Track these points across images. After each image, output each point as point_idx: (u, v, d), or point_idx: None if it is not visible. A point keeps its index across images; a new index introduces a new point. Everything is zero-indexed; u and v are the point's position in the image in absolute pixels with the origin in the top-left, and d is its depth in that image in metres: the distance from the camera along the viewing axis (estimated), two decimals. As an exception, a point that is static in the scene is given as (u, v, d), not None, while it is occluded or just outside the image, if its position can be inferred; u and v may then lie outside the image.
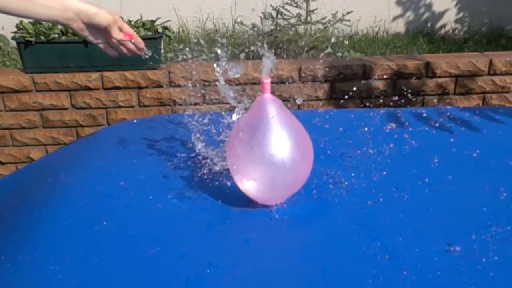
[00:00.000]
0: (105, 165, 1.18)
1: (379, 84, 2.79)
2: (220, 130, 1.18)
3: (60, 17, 1.00)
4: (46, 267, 0.82)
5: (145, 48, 1.15)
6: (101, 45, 1.11)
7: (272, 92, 0.98)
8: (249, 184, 0.96)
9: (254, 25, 3.43)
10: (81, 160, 1.25)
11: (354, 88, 2.77)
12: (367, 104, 2.82)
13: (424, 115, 1.45)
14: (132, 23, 2.72)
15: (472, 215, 0.95)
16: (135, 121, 1.50)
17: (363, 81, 2.77)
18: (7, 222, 1.00)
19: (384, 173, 1.11)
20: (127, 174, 1.12)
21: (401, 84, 2.80)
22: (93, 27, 1.05)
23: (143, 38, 1.17)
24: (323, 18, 3.25)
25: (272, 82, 0.97)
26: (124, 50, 1.13)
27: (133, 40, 1.11)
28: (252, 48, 1.02)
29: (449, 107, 1.52)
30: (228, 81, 1.03)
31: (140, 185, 1.07)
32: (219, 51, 1.04)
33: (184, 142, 1.27)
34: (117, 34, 1.08)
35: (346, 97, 2.77)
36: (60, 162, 1.26)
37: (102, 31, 1.07)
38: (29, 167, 1.31)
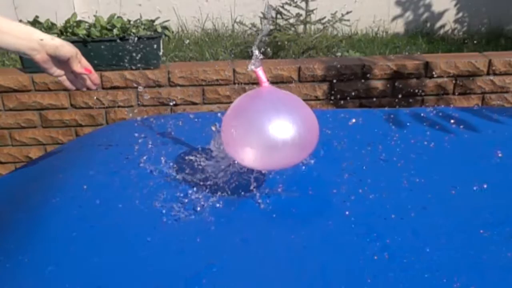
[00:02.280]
0: (103, 165, 1.18)
1: (378, 84, 2.79)
2: (219, 129, 1.18)
3: (26, 47, 1.00)
4: (45, 267, 0.82)
5: (98, 84, 1.17)
6: (60, 78, 1.11)
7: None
8: (246, 146, 0.95)
9: (253, 25, 3.43)
10: (79, 159, 1.24)
11: (353, 89, 2.77)
12: (366, 104, 2.82)
13: (423, 115, 1.45)
14: (132, 22, 2.72)
15: (471, 215, 0.95)
16: (133, 120, 1.50)
17: (362, 81, 2.77)
18: (6, 221, 1.00)
19: (383, 173, 1.11)
20: (125, 173, 1.12)
21: (400, 84, 2.80)
22: (56, 59, 1.05)
23: (143, 38, 1.17)
24: (323, 18, 3.25)
25: (271, 82, 0.98)
26: (79, 84, 1.14)
27: (90, 75, 1.12)
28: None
29: (448, 107, 1.52)
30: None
31: (138, 184, 1.07)
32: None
33: (182, 141, 1.27)
34: (78, 67, 1.08)
35: (346, 97, 2.77)
36: (58, 162, 1.26)
37: (63, 63, 1.07)
38: (27, 167, 1.31)
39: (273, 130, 0.91)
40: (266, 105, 0.95)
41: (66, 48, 1.05)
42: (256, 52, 0.97)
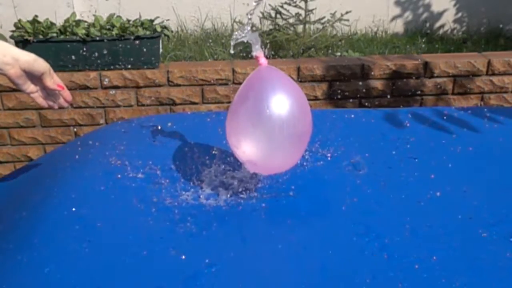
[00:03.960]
0: (102, 165, 1.18)
1: (378, 84, 2.79)
2: (218, 129, 1.18)
3: None
4: (44, 267, 0.82)
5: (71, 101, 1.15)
6: (33, 95, 1.08)
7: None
8: (246, 147, 0.96)
9: (253, 25, 3.43)
10: (79, 159, 1.24)
11: (353, 88, 2.77)
12: (366, 104, 2.82)
13: (422, 115, 1.45)
14: (131, 22, 2.72)
15: (470, 215, 0.95)
16: (132, 120, 1.50)
17: (361, 81, 2.77)
18: (6, 221, 1.00)
19: (383, 173, 1.11)
20: (124, 173, 1.12)
21: (400, 84, 2.80)
22: (30, 74, 1.03)
23: (142, 38, 1.17)
24: (322, 18, 3.25)
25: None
26: (51, 102, 1.12)
27: (62, 92, 1.10)
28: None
29: (447, 107, 1.52)
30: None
31: (138, 185, 1.07)
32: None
33: (181, 141, 1.27)
34: (51, 83, 1.06)
35: (345, 97, 2.77)
36: (57, 162, 1.26)
37: (35, 80, 1.05)
38: (27, 167, 1.31)
39: (270, 116, 0.92)
40: (265, 91, 0.95)
41: (40, 63, 1.03)
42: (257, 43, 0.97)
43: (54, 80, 1.07)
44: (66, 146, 1.47)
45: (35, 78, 1.05)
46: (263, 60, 0.98)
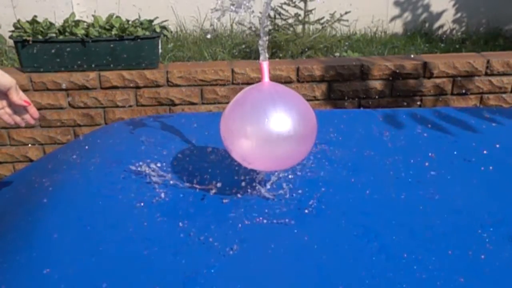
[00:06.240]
0: (101, 165, 1.18)
1: (377, 85, 2.79)
2: (217, 129, 1.18)
3: None
4: (43, 267, 0.82)
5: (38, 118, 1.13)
6: None
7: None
8: (243, 143, 0.95)
9: (252, 25, 3.43)
10: (78, 160, 1.24)
11: (352, 89, 2.77)
12: (365, 104, 2.82)
13: (421, 115, 1.45)
14: (130, 22, 2.72)
15: (468, 215, 0.95)
16: (132, 120, 1.50)
17: (360, 81, 2.77)
18: (6, 222, 1.00)
19: (382, 173, 1.11)
20: (123, 174, 1.12)
21: (399, 85, 2.80)
22: None
23: (141, 38, 1.16)
24: (321, 18, 3.25)
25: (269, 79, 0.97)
26: (18, 119, 1.10)
27: (28, 107, 1.08)
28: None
29: (446, 108, 1.52)
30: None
31: (136, 185, 1.07)
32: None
33: (180, 141, 1.27)
34: (17, 98, 1.05)
35: (344, 97, 2.77)
36: (57, 163, 1.26)
37: (1, 95, 1.04)
38: (26, 168, 1.32)
39: (268, 123, 0.91)
40: (263, 98, 0.95)
41: (5, 78, 1.02)
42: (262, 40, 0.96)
43: (20, 96, 1.06)
44: (66, 147, 1.47)
45: (1, 94, 1.04)
46: (266, 77, 0.96)
